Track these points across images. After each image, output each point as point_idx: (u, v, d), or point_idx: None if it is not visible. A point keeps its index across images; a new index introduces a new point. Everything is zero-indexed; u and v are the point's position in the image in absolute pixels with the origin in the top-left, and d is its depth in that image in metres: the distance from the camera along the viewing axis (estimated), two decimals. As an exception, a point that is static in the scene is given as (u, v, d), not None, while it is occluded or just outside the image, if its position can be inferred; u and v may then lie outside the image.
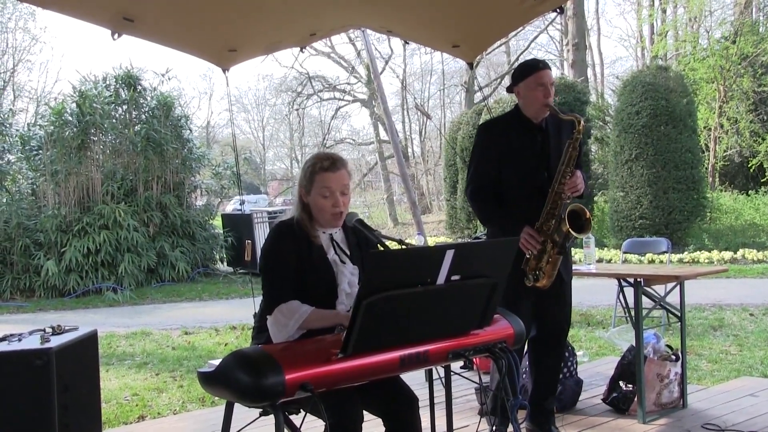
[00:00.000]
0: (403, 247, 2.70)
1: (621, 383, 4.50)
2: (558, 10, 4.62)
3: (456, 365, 4.47)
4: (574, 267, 4.66)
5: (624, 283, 4.50)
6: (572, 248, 4.74)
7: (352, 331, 2.32)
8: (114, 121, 13.81)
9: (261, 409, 2.47)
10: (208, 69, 43.22)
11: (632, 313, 4.32)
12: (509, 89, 3.92)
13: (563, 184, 3.67)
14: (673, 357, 4.46)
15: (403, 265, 2.37)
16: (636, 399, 4.30)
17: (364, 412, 2.70)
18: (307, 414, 2.61)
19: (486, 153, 3.89)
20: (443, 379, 3.12)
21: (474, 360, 2.79)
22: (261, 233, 14.00)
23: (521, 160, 3.81)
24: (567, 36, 21.29)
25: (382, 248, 2.75)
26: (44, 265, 12.22)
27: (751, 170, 18.51)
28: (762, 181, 18.12)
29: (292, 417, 2.75)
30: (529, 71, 3.80)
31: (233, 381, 2.30)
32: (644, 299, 4.31)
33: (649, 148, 14.20)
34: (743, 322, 7.69)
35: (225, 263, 14.98)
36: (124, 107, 14.02)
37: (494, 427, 3.72)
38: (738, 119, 18.55)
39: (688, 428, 4.12)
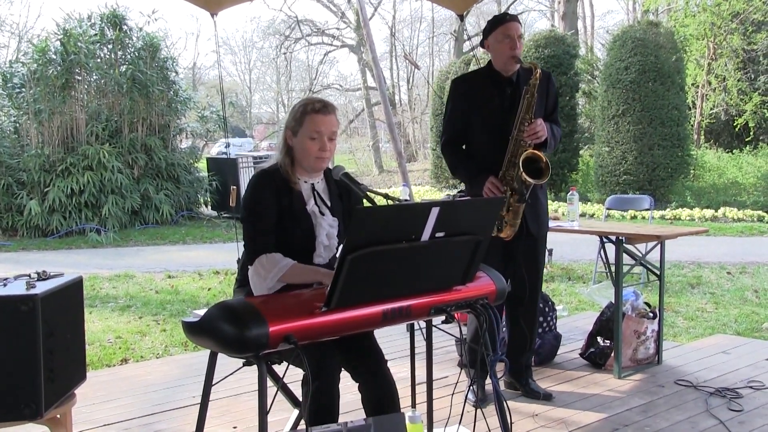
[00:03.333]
0: (389, 202, 2.70)
1: (599, 339, 4.60)
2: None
3: (437, 319, 4.53)
4: (557, 223, 4.70)
5: (606, 240, 4.55)
6: (548, 203, 4.71)
7: (336, 285, 2.33)
8: (99, 60, 13.58)
9: (244, 359, 2.50)
10: (195, 9, 42.49)
11: (613, 269, 4.38)
12: (481, 44, 3.98)
13: (522, 131, 3.73)
14: (651, 314, 4.55)
15: (388, 221, 2.38)
16: (612, 354, 4.40)
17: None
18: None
19: (456, 105, 3.99)
20: (424, 331, 3.17)
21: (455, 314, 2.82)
22: (246, 178, 13.93)
23: (489, 112, 3.88)
24: (559, -13, 21.02)
25: (368, 203, 2.75)
26: (27, 204, 12.12)
27: (737, 129, 18.57)
28: (747, 140, 18.19)
29: (275, 366, 2.79)
30: (496, 24, 3.87)
31: (218, 332, 2.32)
32: (625, 256, 4.38)
33: (636, 104, 14.21)
34: (720, 281, 7.82)
35: (209, 207, 14.93)
36: (110, 47, 13.77)
37: (473, 379, 3.80)
38: (726, 77, 18.53)
39: (661, 383, 4.22)
